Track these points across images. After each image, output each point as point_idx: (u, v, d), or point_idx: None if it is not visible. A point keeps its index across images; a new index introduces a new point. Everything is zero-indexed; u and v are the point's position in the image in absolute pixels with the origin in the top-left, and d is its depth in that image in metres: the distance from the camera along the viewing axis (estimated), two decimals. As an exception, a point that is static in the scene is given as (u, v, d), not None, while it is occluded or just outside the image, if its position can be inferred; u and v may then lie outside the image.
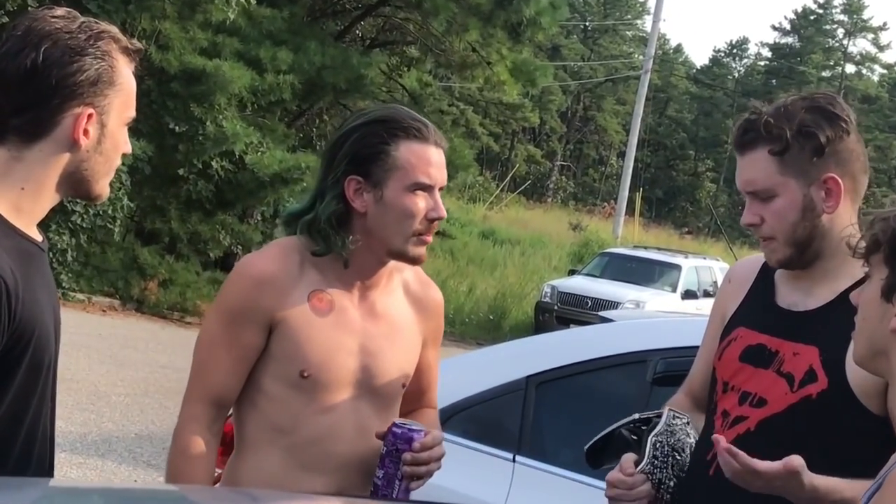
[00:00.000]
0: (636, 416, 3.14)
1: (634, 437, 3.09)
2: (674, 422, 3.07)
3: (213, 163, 19.15)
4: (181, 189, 19.54)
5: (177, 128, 18.96)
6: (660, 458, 3.01)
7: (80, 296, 18.12)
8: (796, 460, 2.63)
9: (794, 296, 3.02)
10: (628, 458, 3.02)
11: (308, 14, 22.98)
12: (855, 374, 2.76)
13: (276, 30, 20.80)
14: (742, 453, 2.65)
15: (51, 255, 16.84)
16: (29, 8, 13.45)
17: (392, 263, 3.14)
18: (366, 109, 3.33)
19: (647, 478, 2.98)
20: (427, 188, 3.03)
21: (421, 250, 3.08)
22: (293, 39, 20.85)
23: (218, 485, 3.17)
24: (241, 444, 3.11)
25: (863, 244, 2.44)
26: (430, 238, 3.08)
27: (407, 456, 3.01)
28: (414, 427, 3.04)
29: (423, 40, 24.03)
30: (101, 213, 17.95)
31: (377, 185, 3.01)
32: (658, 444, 3.02)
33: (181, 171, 19.27)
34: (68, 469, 8.53)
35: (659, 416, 3.10)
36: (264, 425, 3.05)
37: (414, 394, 3.31)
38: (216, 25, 19.42)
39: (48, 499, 1.78)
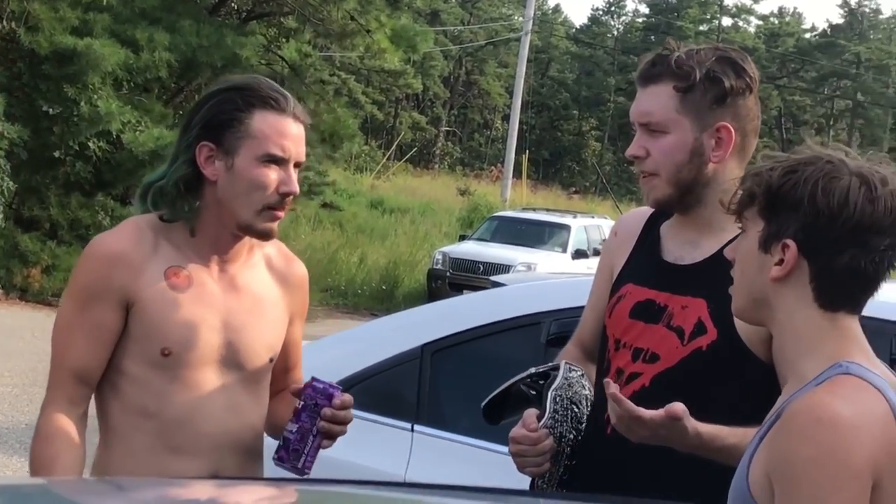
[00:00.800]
0: (532, 370, 3.15)
1: (533, 392, 3.10)
2: (570, 374, 3.09)
3: (90, 143, 18.87)
4: (59, 172, 19.25)
5: (50, 110, 18.66)
6: (560, 412, 3.03)
7: (-43, 286, 17.83)
8: (678, 407, 2.68)
9: (679, 249, 3.06)
10: (530, 413, 3.03)
11: (181, -11, 22.71)
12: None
13: (149, 7, 20.56)
14: (626, 400, 2.68)
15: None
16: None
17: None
18: (228, 77, 3.29)
19: (550, 432, 3.00)
20: (280, 161, 2.99)
21: (271, 225, 3.03)
22: (167, 17, 20.60)
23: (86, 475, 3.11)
24: (106, 433, 3.05)
25: (735, 200, 2.50)
26: (281, 213, 3.03)
27: (327, 411, 3.03)
28: (334, 384, 3.06)
29: (301, 10, 23.84)
30: (-22, 197, 17.68)
31: (229, 153, 2.97)
32: (557, 399, 3.04)
33: (58, 154, 18.96)
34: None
35: (554, 369, 3.12)
36: (128, 409, 3.00)
37: (280, 371, 3.29)
38: (86, 4, 19.13)
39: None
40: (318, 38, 25.36)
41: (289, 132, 3.00)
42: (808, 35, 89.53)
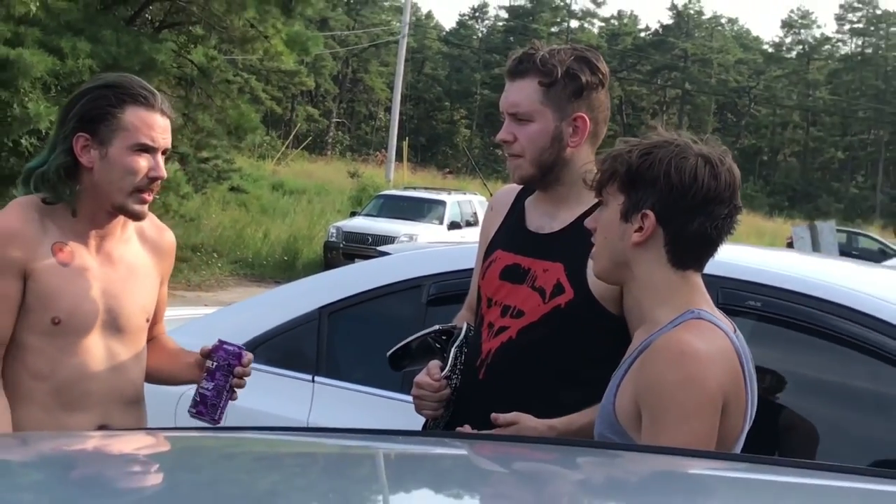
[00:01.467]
0: (437, 327, 3.17)
1: (438, 346, 3.12)
2: (469, 334, 3.11)
3: (23, 140, 18.55)
4: (24, 167, 18.92)
5: (-14, 113, 18.35)
6: (458, 367, 3.04)
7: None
8: (511, 417, 2.81)
9: (540, 220, 3.07)
10: (435, 364, 3.06)
11: (101, 3, 22.33)
12: (596, 283, 2.84)
13: (73, 20, 20.23)
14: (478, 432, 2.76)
15: None
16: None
17: None
18: (101, 75, 3.24)
19: (448, 383, 3.02)
20: (150, 149, 2.95)
21: (142, 207, 3.00)
22: (89, 28, 20.29)
23: None
24: (10, 398, 2.97)
25: (597, 178, 2.57)
26: (149, 196, 3.00)
27: (239, 369, 3.09)
28: (240, 346, 3.11)
29: (207, 20, 23.58)
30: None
31: (103, 144, 2.93)
32: (457, 354, 3.06)
33: (-8, 152, 18.63)
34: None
35: (454, 329, 3.14)
36: (24, 375, 2.95)
37: (157, 323, 3.31)
38: (18, 17, 18.77)
39: None
40: (222, 44, 25.08)
41: (157, 124, 2.97)
42: (642, 34, 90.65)
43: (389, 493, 1.50)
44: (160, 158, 2.99)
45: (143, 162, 2.94)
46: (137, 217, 3.03)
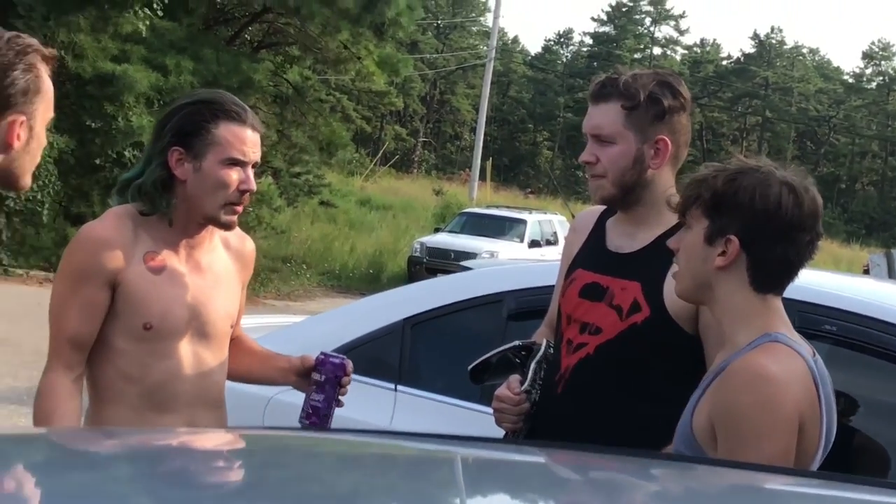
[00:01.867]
0: (517, 342, 3.17)
1: (517, 361, 3.11)
2: (549, 350, 3.10)
3: (126, 152, 18.88)
4: (100, 175, 19.19)
5: (93, 124, 18.73)
6: (538, 382, 3.05)
7: (18, 271, 17.73)
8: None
9: (620, 240, 3.06)
10: (515, 378, 3.06)
11: (203, 23, 22.67)
12: (672, 302, 2.82)
13: (176, 39, 20.54)
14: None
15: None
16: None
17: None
18: (195, 91, 3.27)
19: (527, 397, 3.03)
20: (241, 163, 2.97)
21: (232, 218, 3.02)
22: (191, 47, 20.62)
23: None
24: (96, 398, 3.03)
25: (681, 201, 2.57)
26: (240, 208, 3.02)
27: (346, 379, 3.19)
28: (342, 356, 3.20)
29: (303, 41, 23.84)
30: (31, 198, 17.64)
31: (197, 157, 2.94)
32: (537, 369, 3.06)
33: (99, 161, 18.95)
34: (17, 419, 8.35)
35: (534, 345, 3.13)
36: (116, 377, 2.97)
37: (236, 326, 3.32)
38: (125, 36, 19.12)
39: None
40: (317, 64, 25.34)
41: (248, 139, 2.99)
42: (724, 62, 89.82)
43: (467, 496, 1.51)
44: (250, 172, 3.00)
45: (234, 175, 2.96)
46: (227, 228, 3.06)
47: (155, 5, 18.56)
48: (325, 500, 1.41)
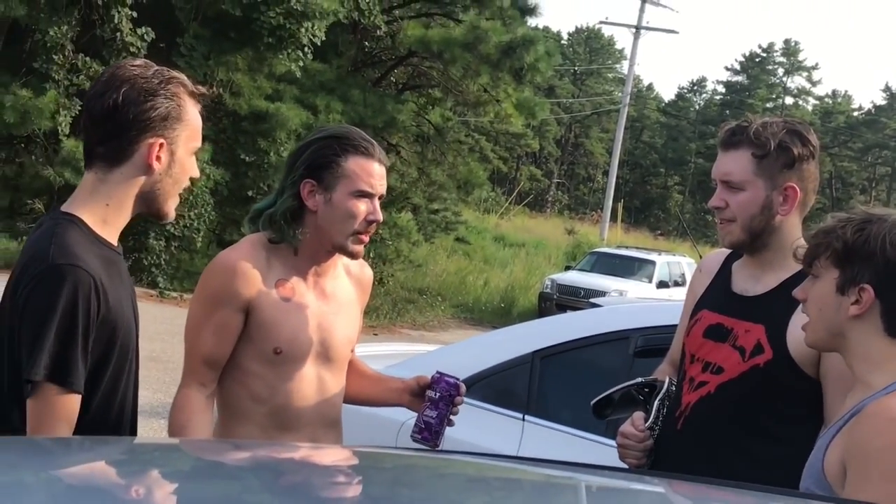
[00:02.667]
0: (640, 379, 3.15)
1: (641, 398, 3.10)
2: (671, 388, 3.09)
3: (276, 185, 19.30)
4: (251, 208, 19.66)
5: (247, 158, 19.21)
6: (660, 419, 3.03)
7: (173, 294, 18.20)
8: None
9: (746, 283, 3.03)
10: (639, 415, 3.04)
11: (352, 65, 23.06)
12: (794, 345, 2.78)
13: (326, 80, 20.94)
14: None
15: (149, 259, 16.73)
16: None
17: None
18: (324, 127, 3.30)
19: (651, 434, 3.01)
20: (368, 195, 3.00)
21: (359, 247, 3.04)
22: (340, 87, 21.00)
23: None
24: (225, 415, 3.08)
25: (808, 251, 2.53)
26: (367, 238, 3.05)
27: (459, 399, 3.17)
28: (456, 377, 3.19)
29: (445, 83, 24.05)
30: (188, 225, 18.09)
31: (328, 189, 2.98)
32: (660, 407, 3.04)
33: (251, 193, 19.38)
34: (164, 433, 8.53)
35: (656, 381, 3.12)
36: (245, 397, 3.02)
37: (352, 350, 3.33)
38: (279, 76, 19.56)
39: (131, 453, 1.81)
40: (457, 106, 25.52)
41: (375, 172, 3.01)
42: (855, 113, 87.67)
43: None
44: (377, 203, 3.03)
45: (362, 206, 2.99)
46: (354, 256, 3.09)
47: (307, 48, 18.96)
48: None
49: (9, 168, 19.69)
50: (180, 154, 2.57)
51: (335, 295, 3.14)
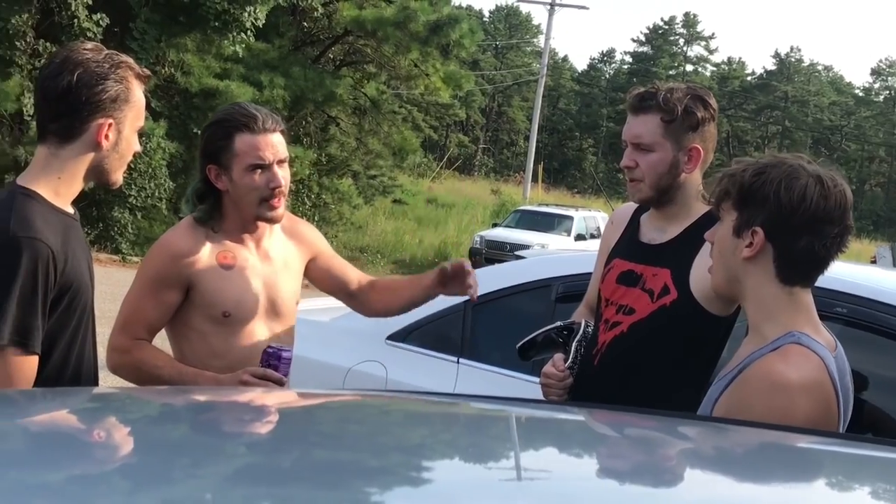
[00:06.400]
0: (559, 323, 3.16)
1: (560, 340, 3.11)
2: (587, 330, 3.11)
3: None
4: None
5: (199, 132, 18.90)
6: (579, 359, 3.05)
7: (135, 259, 17.99)
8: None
9: (653, 234, 3.06)
10: (559, 357, 3.06)
11: (292, 45, 22.84)
12: (697, 286, 2.83)
13: (269, 58, 20.75)
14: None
15: (114, 228, 16.46)
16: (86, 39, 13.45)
17: None
18: (217, 110, 3.25)
19: (571, 373, 3.03)
20: (263, 166, 2.96)
21: (274, 212, 3.01)
22: (282, 65, 20.83)
23: None
24: None
25: (714, 194, 2.37)
26: (277, 202, 3.00)
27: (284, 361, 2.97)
28: (283, 347, 2.97)
29: (378, 59, 23.97)
30: (150, 195, 17.92)
31: (227, 170, 2.97)
32: (578, 348, 3.07)
33: (204, 164, 19.18)
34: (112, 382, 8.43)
35: (574, 324, 3.13)
36: (202, 353, 3.01)
37: (354, 280, 3.34)
38: (226, 56, 19.35)
39: (92, 401, 1.80)
40: (390, 80, 25.42)
41: (262, 144, 2.96)
42: (749, 78, 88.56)
43: (520, 449, 1.53)
44: (276, 169, 2.98)
45: (259, 178, 2.96)
46: (274, 221, 3.07)
47: (250, 31, 18.76)
48: (396, 452, 1.44)
49: (-24, 147, 19.30)
50: (126, 133, 2.56)
51: (275, 255, 3.13)
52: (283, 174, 3.01)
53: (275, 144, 3.00)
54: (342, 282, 3.33)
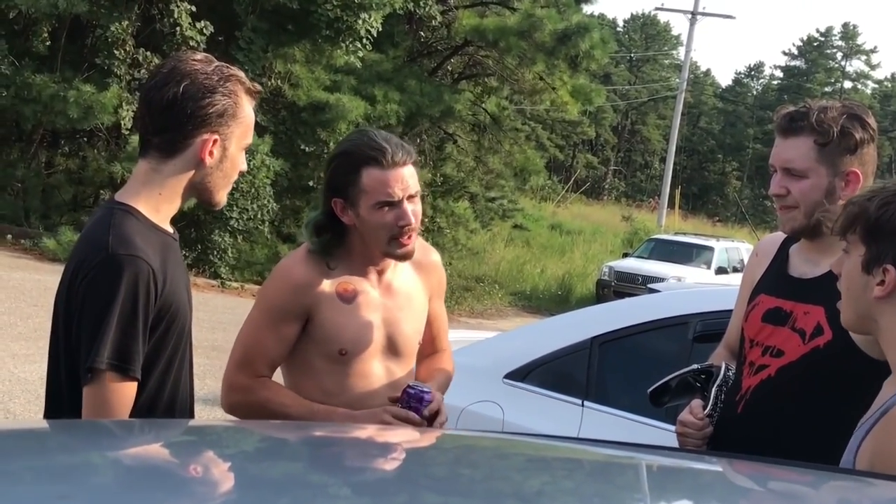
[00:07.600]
0: (696, 366, 3.13)
1: (698, 385, 3.08)
2: (728, 374, 3.07)
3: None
4: (312, 197, 19.77)
5: (307, 148, 19.30)
6: (719, 406, 3.02)
7: (234, 284, 18.33)
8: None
9: (803, 267, 3.01)
10: (697, 403, 3.02)
11: (408, 56, 23.12)
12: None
13: (382, 70, 21.02)
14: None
15: (214, 251, 16.79)
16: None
17: None
18: (344, 139, 3.27)
19: (710, 421, 3.00)
20: (391, 204, 2.97)
21: (404, 250, 3.02)
22: (396, 77, 21.08)
23: None
24: None
25: (839, 224, 2.32)
26: (407, 240, 3.02)
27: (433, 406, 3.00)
28: (424, 388, 3.00)
29: (500, 72, 24.05)
30: (252, 217, 18.24)
31: (353, 206, 2.99)
32: (718, 394, 3.03)
33: (311, 183, 19.51)
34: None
35: (713, 367, 3.10)
36: (317, 392, 3.04)
37: (429, 341, 3.31)
38: (337, 67, 19.66)
39: (186, 434, 1.84)
40: (513, 94, 25.51)
41: (391, 179, 2.97)
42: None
43: (650, 500, 1.51)
44: (406, 206, 2.99)
45: (389, 216, 2.97)
46: (404, 259, 3.09)
47: (364, 40, 19.04)
48: (513, 499, 1.44)
49: (72, 162, 20.02)
50: (232, 150, 2.61)
51: (399, 288, 3.15)
52: (415, 209, 3.02)
53: (405, 178, 3.00)
54: (425, 343, 3.31)
